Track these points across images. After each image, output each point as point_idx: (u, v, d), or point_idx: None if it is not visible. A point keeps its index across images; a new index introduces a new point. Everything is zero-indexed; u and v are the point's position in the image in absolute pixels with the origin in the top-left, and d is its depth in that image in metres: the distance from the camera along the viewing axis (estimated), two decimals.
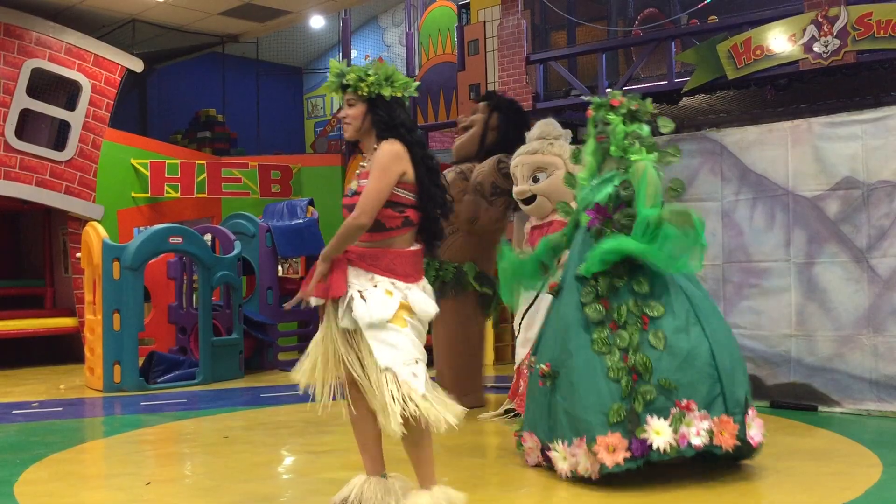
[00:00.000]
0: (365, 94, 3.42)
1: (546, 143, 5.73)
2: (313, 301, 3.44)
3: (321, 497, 3.86)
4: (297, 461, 4.84)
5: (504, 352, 9.24)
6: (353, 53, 12.29)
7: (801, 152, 5.98)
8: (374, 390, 3.26)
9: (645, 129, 4.35)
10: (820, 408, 5.78)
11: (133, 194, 10.88)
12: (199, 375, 7.91)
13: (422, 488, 3.37)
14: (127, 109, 12.50)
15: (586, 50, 8.42)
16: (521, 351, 5.65)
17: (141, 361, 7.83)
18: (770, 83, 7.20)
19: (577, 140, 6.15)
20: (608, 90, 4.55)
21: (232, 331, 8.36)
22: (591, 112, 4.44)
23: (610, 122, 4.32)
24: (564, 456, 3.99)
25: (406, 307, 3.33)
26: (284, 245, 9.43)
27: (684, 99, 7.65)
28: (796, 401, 5.88)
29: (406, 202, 3.38)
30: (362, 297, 3.30)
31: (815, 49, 6.64)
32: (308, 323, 9.59)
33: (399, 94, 3.45)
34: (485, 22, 10.28)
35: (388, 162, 3.32)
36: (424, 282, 3.49)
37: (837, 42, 6.54)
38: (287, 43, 14.95)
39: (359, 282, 3.35)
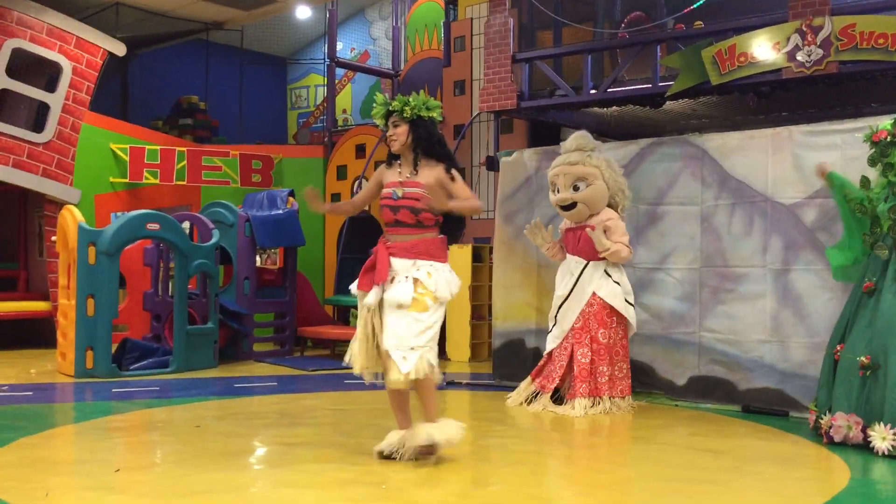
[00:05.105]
0: (408, 116, 4.31)
1: (585, 156, 6.20)
2: (369, 298, 4.25)
3: (292, 489, 3.84)
4: (269, 452, 4.82)
5: (480, 349, 9.24)
6: (339, 46, 12.23)
7: (781, 160, 6.02)
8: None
9: None
10: (791, 413, 5.82)
11: (111, 179, 10.77)
12: (172, 363, 7.86)
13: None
14: (108, 93, 12.38)
15: (572, 50, 8.44)
16: (555, 342, 6.22)
17: (114, 348, 7.78)
18: (753, 90, 7.25)
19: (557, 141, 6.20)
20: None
21: (207, 320, 8.31)
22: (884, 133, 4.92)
23: None
24: (884, 436, 4.58)
25: (431, 293, 4.18)
26: (263, 235, 9.39)
27: (668, 103, 7.69)
28: (767, 406, 5.93)
29: None
30: (406, 279, 4.19)
31: (799, 58, 6.70)
32: (284, 315, 9.55)
33: (433, 115, 4.36)
34: (472, 19, 10.28)
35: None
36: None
37: (821, 52, 6.60)
38: (272, 32, 14.86)
39: (403, 268, 4.23)
